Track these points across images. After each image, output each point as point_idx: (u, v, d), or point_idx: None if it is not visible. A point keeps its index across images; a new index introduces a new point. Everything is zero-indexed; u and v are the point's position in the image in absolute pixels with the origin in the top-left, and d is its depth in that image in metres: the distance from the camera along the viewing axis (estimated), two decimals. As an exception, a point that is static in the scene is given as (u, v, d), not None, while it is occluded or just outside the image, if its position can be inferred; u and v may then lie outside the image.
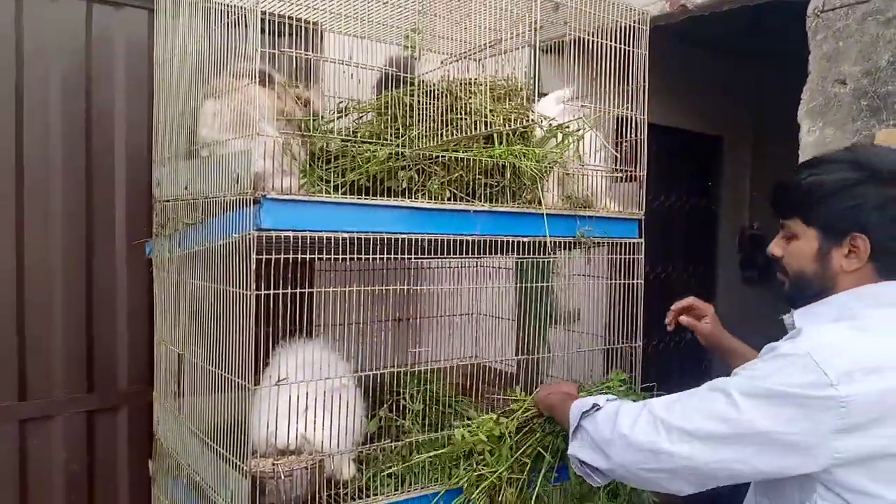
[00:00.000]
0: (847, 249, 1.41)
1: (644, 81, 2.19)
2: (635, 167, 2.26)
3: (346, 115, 2.07)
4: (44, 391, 2.39)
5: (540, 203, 2.01)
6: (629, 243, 2.26)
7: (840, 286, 1.44)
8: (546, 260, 2.20)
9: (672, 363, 4.73)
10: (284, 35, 1.87)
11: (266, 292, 1.62)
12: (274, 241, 1.62)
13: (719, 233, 5.04)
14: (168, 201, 2.15)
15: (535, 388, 2.34)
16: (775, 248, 1.56)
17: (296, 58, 1.77)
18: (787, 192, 1.53)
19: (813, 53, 2.46)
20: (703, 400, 1.42)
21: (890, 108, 2.26)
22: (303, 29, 1.92)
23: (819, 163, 1.50)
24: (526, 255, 2.03)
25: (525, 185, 2.00)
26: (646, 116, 2.22)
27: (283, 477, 1.70)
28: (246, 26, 1.64)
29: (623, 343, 2.30)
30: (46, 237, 2.38)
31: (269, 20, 1.65)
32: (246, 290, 1.60)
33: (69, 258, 2.42)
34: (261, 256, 1.58)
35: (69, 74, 2.40)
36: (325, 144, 1.77)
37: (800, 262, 1.49)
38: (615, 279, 2.28)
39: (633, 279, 2.26)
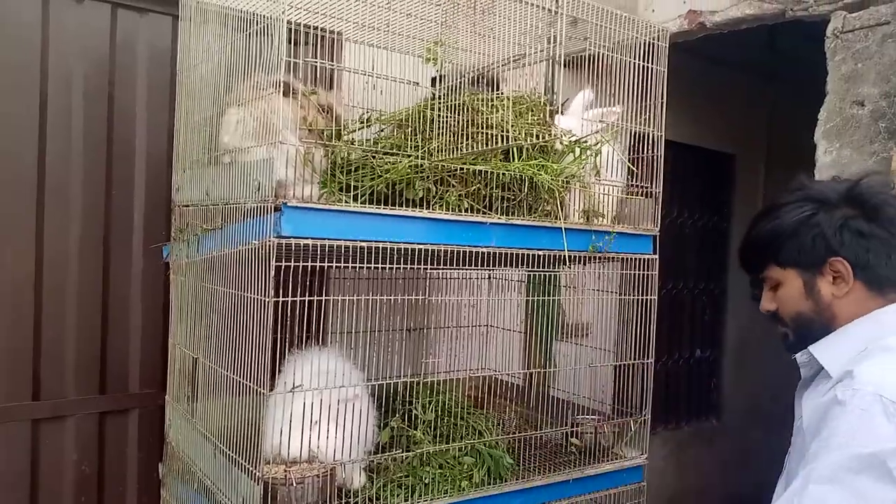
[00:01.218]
0: (831, 276, 1.46)
1: (662, 98, 2.20)
2: (651, 183, 2.26)
3: (367, 127, 2.08)
4: (57, 392, 2.41)
5: (557, 217, 2.02)
6: (643, 259, 2.26)
7: (839, 314, 1.47)
8: (557, 273, 2.20)
9: (679, 381, 4.71)
10: (308, 44, 1.89)
11: (284, 299, 1.63)
12: (293, 248, 1.63)
13: (731, 250, 5.03)
14: (187, 206, 2.16)
15: (552, 403, 2.34)
16: (766, 303, 1.59)
17: (318, 67, 1.79)
18: (753, 246, 1.60)
19: (831, 74, 2.47)
20: None
21: (908, 131, 2.26)
22: (326, 39, 1.94)
23: (771, 209, 1.57)
24: (541, 269, 2.03)
25: (542, 198, 2.00)
26: (663, 133, 2.22)
27: (294, 484, 1.71)
28: (271, 35, 1.66)
29: (634, 359, 2.29)
30: (65, 239, 2.40)
31: (293, 29, 1.68)
32: (264, 296, 1.61)
33: (86, 260, 2.44)
34: (280, 263, 1.59)
35: (92, 78, 2.43)
36: (346, 154, 1.79)
37: (793, 305, 1.53)
38: (628, 294, 2.28)
39: (646, 295, 2.26)
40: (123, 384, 2.54)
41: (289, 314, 1.66)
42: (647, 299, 2.25)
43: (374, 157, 1.85)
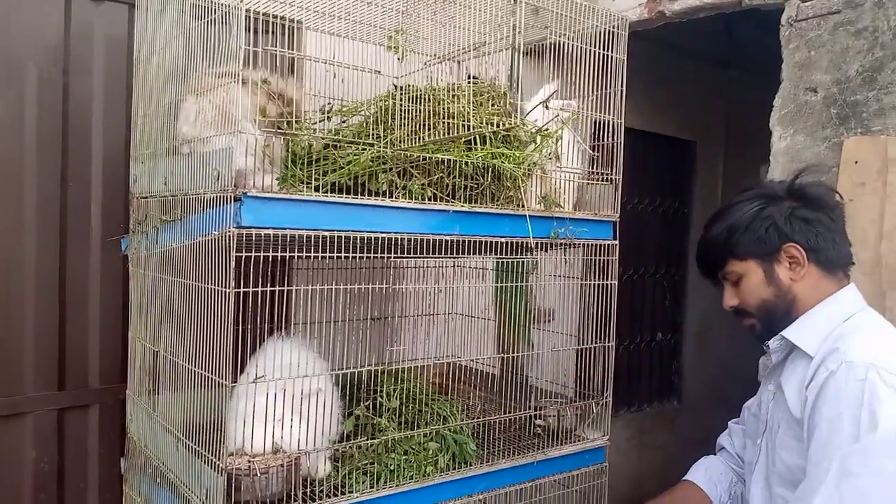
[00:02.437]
0: (787, 262, 1.61)
1: (622, 86, 2.22)
2: (611, 170, 2.29)
3: (329, 119, 2.07)
4: (14, 388, 2.36)
5: (520, 205, 2.04)
6: (604, 245, 2.30)
7: (800, 296, 1.61)
8: (525, 260, 2.23)
9: (642, 363, 4.80)
10: (267, 32, 1.87)
11: (245, 290, 1.62)
12: (254, 238, 1.62)
13: (691, 235, 5.13)
14: (146, 198, 2.13)
15: (516, 387, 2.38)
16: (728, 299, 1.72)
17: (278, 56, 1.77)
18: (711, 246, 1.73)
19: (786, 62, 2.52)
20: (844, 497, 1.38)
21: (858, 117, 2.32)
22: (286, 27, 1.92)
23: (723, 210, 1.73)
24: (505, 256, 2.05)
25: (505, 186, 2.02)
26: (622, 120, 2.25)
27: (258, 474, 1.71)
28: (229, 24, 1.64)
29: (596, 343, 2.33)
30: (20, 233, 2.34)
31: (252, 17, 1.66)
32: (225, 287, 1.60)
33: (42, 254, 2.39)
34: (240, 254, 1.58)
35: (46, 68, 2.36)
36: (308, 145, 1.77)
37: (756, 294, 1.65)
38: (590, 280, 2.31)
39: (607, 280, 2.29)
40: (83, 379, 2.50)
41: (251, 305, 1.65)
42: (607, 284, 2.29)
43: (335, 148, 1.84)
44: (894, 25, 2.24)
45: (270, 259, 1.64)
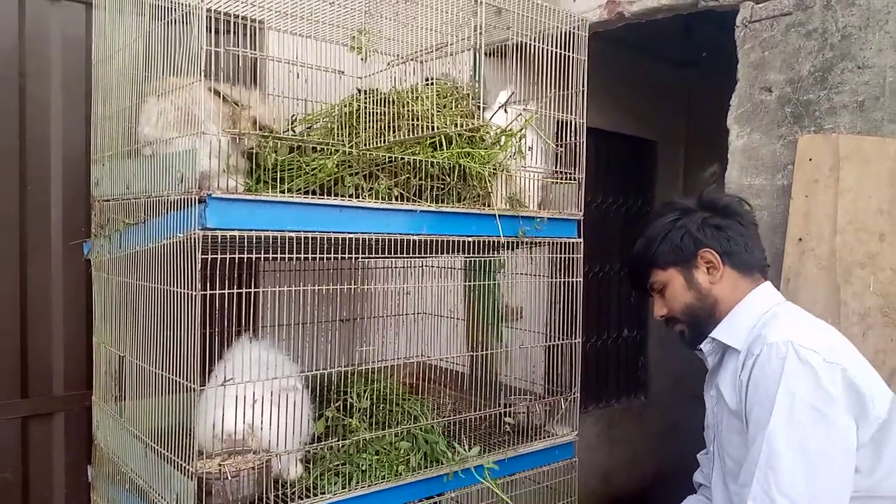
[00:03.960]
0: (704, 267, 1.73)
1: (583, 86, 2.26)
2: (574, 169, 2.32)
3: (293, 129, 2.07)
4: (-26, 397, 2.31)
5: (485, 204, 2.06)
6: (569, 243, 2.33)
7: (720, 297, 1.72)
8: (495, 259, 2.25)
9: (609, 360, 4.87)
10: (229, 32, 1.86)
11: (211, 292, 1.61)
12: (219, 240, 1.61)
13: (655, 233, 5.20)
14: (108, 201, 2.10)
15: (486, 385, 2.39)
16: (657, 308, 1.85)
17: (240, 56, 1.76)
18: (636, 259, 1.85)
19: (741, 62, 2.59)
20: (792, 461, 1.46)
21: (811, 116, 2.40)
22: (248, 27, 1.91)
23: (643, 226, 1.85)
24: (473, 255, 2.07)
25: (471, 186, 2.04)
26: (584, 120, 2.29)
27: (229, 478, 1.70)
28: (190, 23, 1.63)
29: (563, 340, 2.37)
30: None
31: (213, 17, 1.65)
32: (191, 290, 1.59)
33: (2, 259, 2.34)
34: (206, 256, 1.57)
35: (1, 69, 2.31)
36: (274, 153, 1.77)
37: (680, 300, 1.77)
38: (556, 278, 2.34)
39: (572, 277, 2.33)
40: (47, 386, 2.45)
41: (217, 308, 1.64)
42: (573, 281, 2.32)
43: (301, 156, 1.83)
44: (843, 27, 2.32)
45: (237, 261, 1.64)
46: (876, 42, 2.25)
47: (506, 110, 2.16)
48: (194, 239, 1.57)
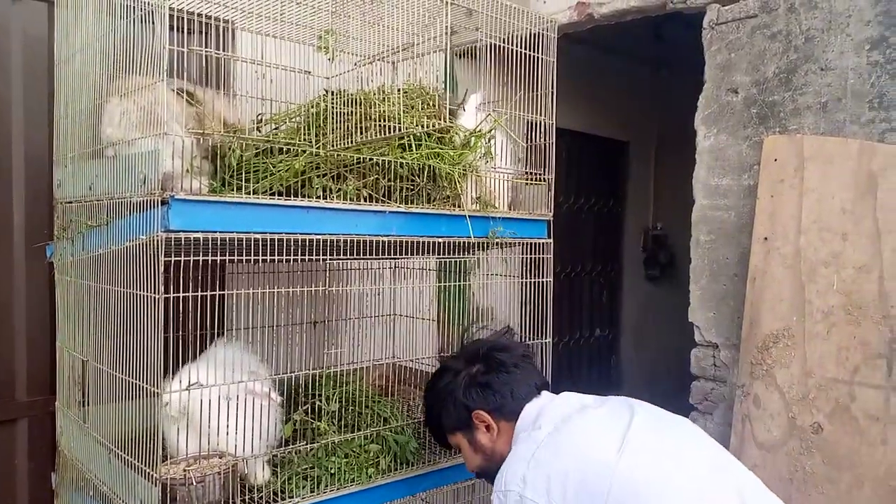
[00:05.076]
0: (483, 427, 1.74)
1: (553, 87, 2.27)
2: (544, 170, 2.33)
3: (260, 129, 2.05)
4: (-67, 404, 2.25)
5: (455, 205, 2.06)
6: (539, 243, 2.34)
7: (504, 453, 1.68)
8: (466, 260, 2.25)
9: (582, 359, 4.90)
10: (194, 32, 1.84)
11: (175, 295, 1.59)
12: (183, 242, 1.59)
13: (625, 233, 5.26)
14: (70, 202, 2.06)
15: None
16: (468, 467, 1.84)
17: (206, 57, 1.74)
18: (430, 429, 1.92)
19: (708, 63, 2.62)
20: None
21: (776, 117, 2.43)
22: (213, 27, 1.89)
23: (427, 397, 1.89)
24: (444, 256, 2.07)
25: (441, 187, 2.03)
26: (554, 121, 2.30)
27: (194, 483, 1.67)
28: (153, 22, 1.60)
29: (535, 339, 2.37)
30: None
31: (177, 16, 1.62)
32: (154, 293, 1.56)
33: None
34: (169, 258, 1.55)
35: (-41, 68, 2.27)
36: (240, 154, 1.74)
37: (472, 462, 1.80)
38: (527, 278, 2.35)
39: (543, 277, 2.33)
40: (9, 392, 2.40)
41: (181, 311, 1.62)
42: (544, 281, 2.33)
43: (268, 157, 1.81)
44: (806, 30, 2.36)
45: (202, 264, 1.61)
46: (838, 45, 2.29)
47: (476, 112, 2.16)
48: (157, 241, 1.55)
